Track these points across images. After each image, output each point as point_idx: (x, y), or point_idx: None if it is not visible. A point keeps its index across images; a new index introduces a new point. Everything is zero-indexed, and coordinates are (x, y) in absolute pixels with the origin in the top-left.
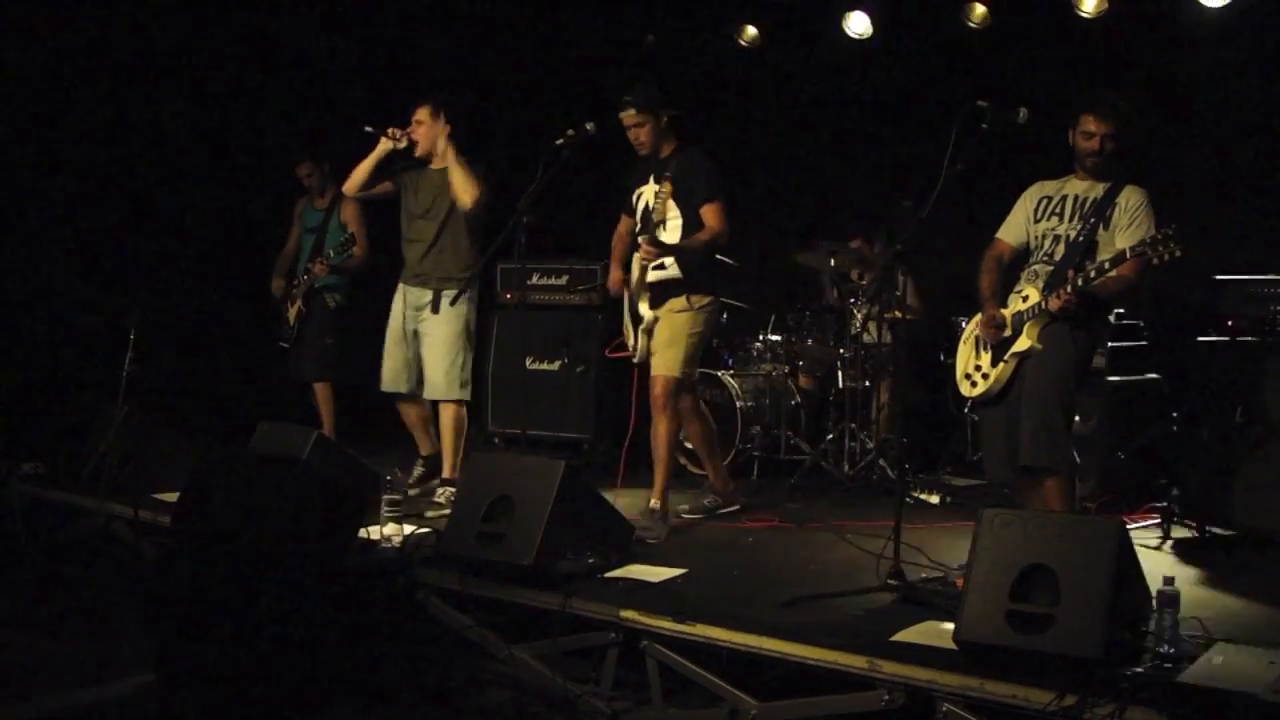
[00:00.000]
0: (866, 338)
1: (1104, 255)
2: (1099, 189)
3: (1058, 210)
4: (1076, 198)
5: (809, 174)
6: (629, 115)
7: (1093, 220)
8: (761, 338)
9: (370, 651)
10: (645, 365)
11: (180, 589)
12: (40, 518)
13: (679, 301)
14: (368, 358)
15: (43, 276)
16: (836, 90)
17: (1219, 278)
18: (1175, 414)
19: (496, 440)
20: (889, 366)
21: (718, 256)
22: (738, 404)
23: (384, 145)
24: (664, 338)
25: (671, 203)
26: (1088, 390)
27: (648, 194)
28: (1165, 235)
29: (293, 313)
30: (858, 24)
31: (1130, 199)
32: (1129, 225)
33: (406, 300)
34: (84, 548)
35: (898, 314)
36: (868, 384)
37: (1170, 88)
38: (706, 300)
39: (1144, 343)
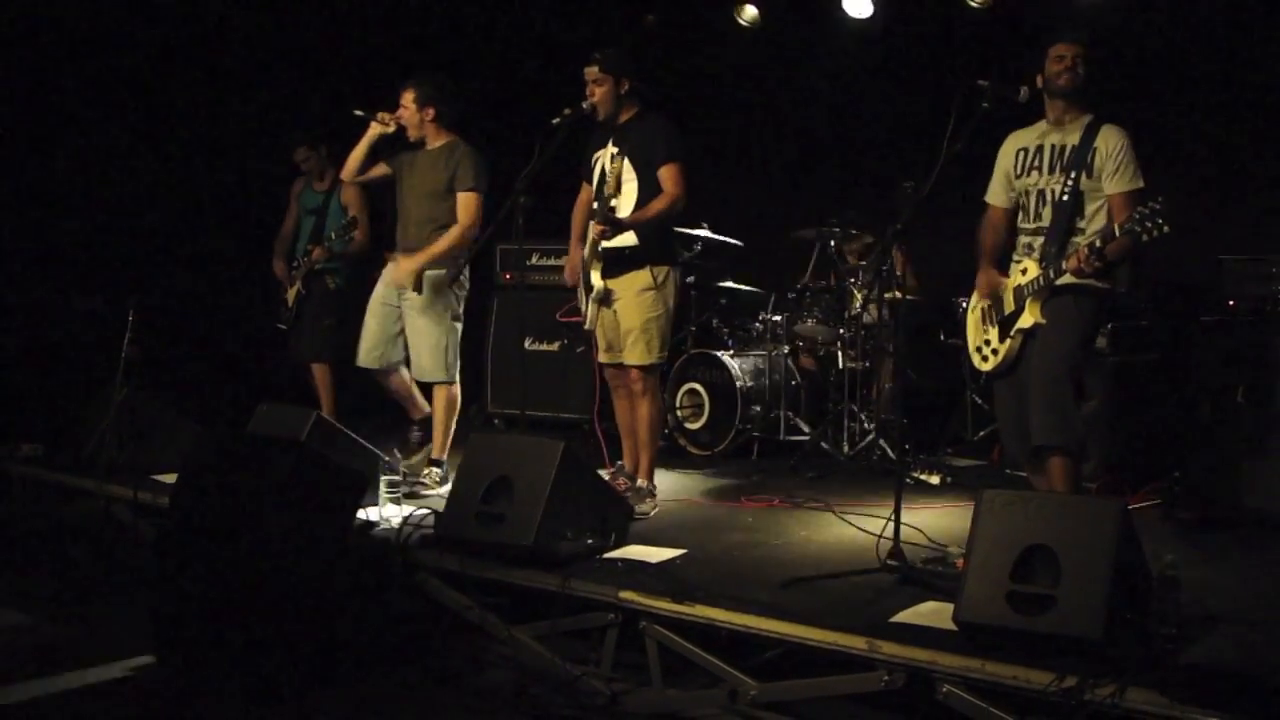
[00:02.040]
0: (866, 318)
1: (1093, 205)
2: (1075, 133)
3: (1036, 163)
4: (1054, 147)
5: (809, 154)
6: (591, 71)
7: (1074, 172)
8: (762, 318)
9: (369, 633)
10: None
11: (179, 571)
12: (40, 499)
13: (641, 277)
14: None
15: (41, 258)
16: (837, 70)
17: (1221, 257)
18: (1177, 394)
19: (496, 421)
20: (888, 347)
21: (717, 236)
22: (737, 384)
23: (374, 129)
24: (632, 325)
25: (627, 165)
26: (1090, 370)
27: (604, 159)
28: (1153, 210)
29: (291, 294)
30: (858, 3)
31: (1109, 141)
32: (1115, 171)
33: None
34: (84, 530)
35: (897, 294)
36: (867, 364)
37: (1174, 67)
38: (665, 271)
39: (1145, 322)
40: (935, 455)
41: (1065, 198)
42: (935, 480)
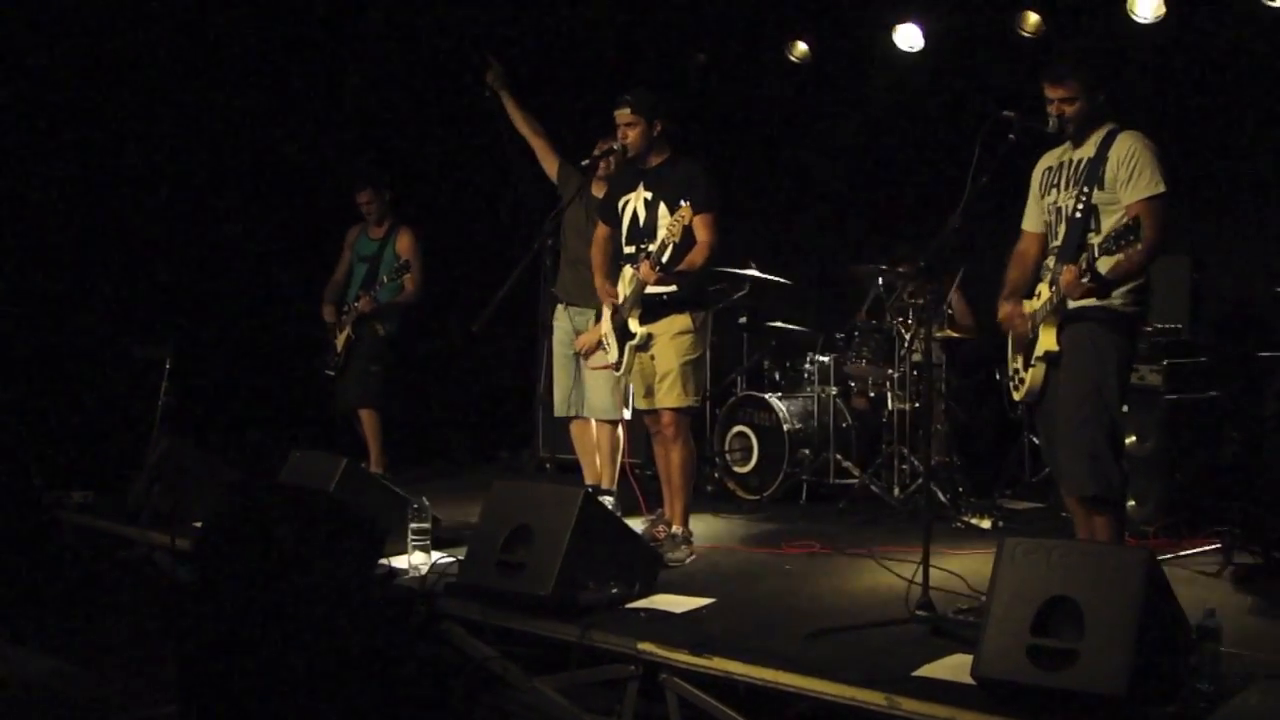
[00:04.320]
0: (915, 357)
1: (1109, 219)
2: (1091, 147)
3: (1056, 181)
4: (1072, 162)
5: (862, 190)
6: (623, 114)
7: (1086, 186)
8: (811, 358)
9: (393, 682)
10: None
11: (201, 620)
12: (87, 546)
13: (680, 321)
14: (422, 386)
15: (92, 307)
16: (888, 104)
17: (1279, 290)
18: (1236, 433)
19: (548, 467)
20: (939, 386)
21: (766, 275)
22: (784, 427)
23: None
24: (669, 368)
25: (663, 210)
26: (1145, 409)
27: (635, 202)
28: (1127, 225)
29: (341, 340)
30: (908, 36)
31: (1121, 148)
32: (1129, 178)
33: (572, 323)
34: (127, 577)
35: (949, 332)
36: (917, 405)
37: (1231, 94)
38: (703, 316)
39: (1203, 359)
40: (988, 498)
41: (1078, 214)
42: (986, 524)
